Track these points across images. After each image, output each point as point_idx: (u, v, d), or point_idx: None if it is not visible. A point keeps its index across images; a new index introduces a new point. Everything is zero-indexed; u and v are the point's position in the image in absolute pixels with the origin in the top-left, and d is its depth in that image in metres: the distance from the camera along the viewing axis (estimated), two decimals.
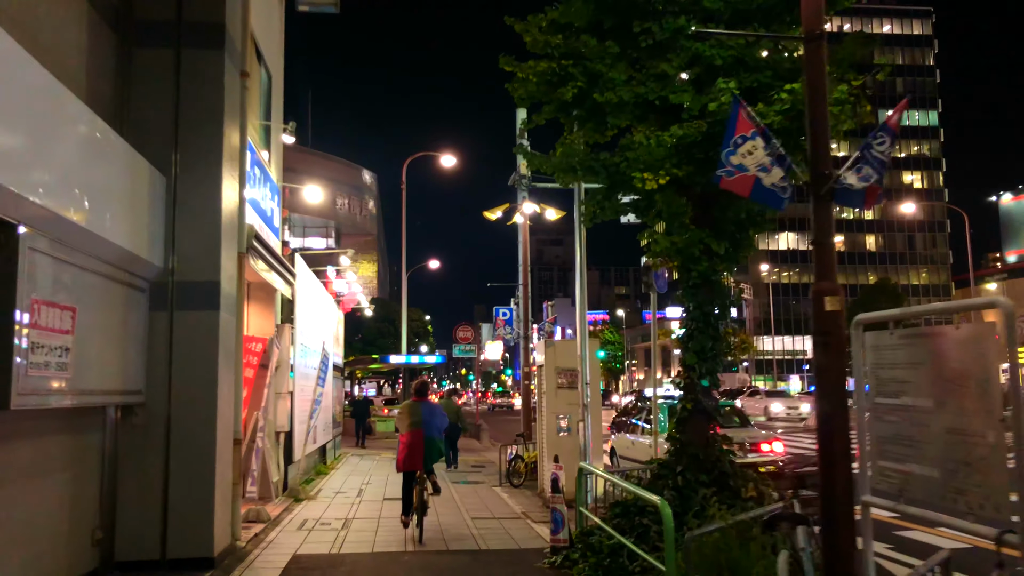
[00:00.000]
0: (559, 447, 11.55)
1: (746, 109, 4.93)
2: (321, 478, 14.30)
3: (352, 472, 15.65)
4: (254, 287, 11.36)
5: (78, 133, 5.69)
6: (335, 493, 12.27)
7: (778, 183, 5.56)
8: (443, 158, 32.12)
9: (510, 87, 8.10)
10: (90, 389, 6.12)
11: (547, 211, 15.18)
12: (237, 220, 8.14)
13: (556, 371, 11.78)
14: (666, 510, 5.16)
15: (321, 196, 22.68)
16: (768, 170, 5.53)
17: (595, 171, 7.69)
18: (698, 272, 7.30)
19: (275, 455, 11.02)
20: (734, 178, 4.88)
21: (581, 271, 11.44)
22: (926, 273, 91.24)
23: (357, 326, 55.42)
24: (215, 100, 7.65)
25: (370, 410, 25.29)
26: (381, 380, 67.45)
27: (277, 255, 10.48)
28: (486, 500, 11.86)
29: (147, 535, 6.95)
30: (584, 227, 8.55)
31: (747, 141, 5.47)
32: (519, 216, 15.49)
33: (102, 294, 6.33)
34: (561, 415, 11.69)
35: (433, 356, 30.73)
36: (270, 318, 11.40)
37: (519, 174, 16.66)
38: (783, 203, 5.78)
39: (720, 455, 7.17)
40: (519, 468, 13.43)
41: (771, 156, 5.42)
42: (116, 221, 6.25)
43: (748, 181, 5.89)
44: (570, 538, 7.46)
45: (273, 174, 11.47)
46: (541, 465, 12.45)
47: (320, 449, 16.02)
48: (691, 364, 7.22)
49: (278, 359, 11.27)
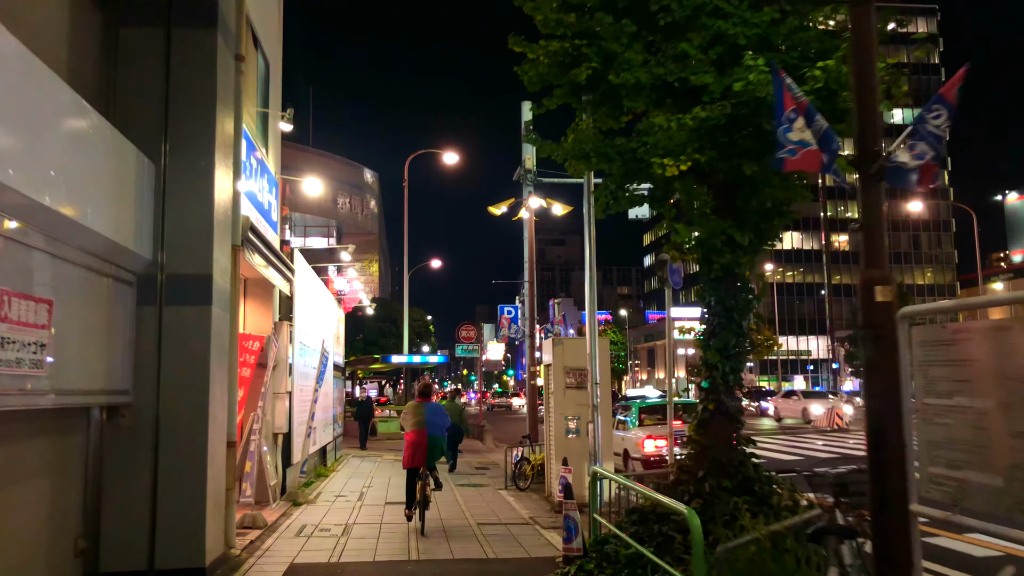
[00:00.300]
0: (568, 449, 11.13)
1: (788, 82, 4.49)
2: (321, 481, 13.88)
3: (353, 474, 15.22)
4: (251, 283, 10.94)
5: (55, 111, 5.26)
6: (335, 497, 11.84)
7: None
8: (445, 155, 31.77)
9: (519, 70, 7.67)
10: (70, 389, 5.70)
11: (553, 206, 14.75)
12: (231, 211, 7.71)
13: (564, 370, 11.34)
14: (694, 520, 4.73)
15: (321, 188, 22.22)
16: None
17: (609, 158, 7.24)
18: (720, 264, 6.87)
19: (273, 458, 10.60)
20: (798, 156, 4.43)
21: (591, 267, 11.02)
22: (931, 273, 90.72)
23: (358, 326, 55.05)
24: (207, 83, 7.22)
25: (374, 411, 24.50)
26: (383, 380, 67.10)
27: (275, 250, 10.06)
28: (492, 504, 11.43)
29: (134, 544, 6.52)
30: (596, 219, 8.12)
31: (799, 117, 5.05)
32: (524, 212, 15.06)
33: (84, 287, 5.91)
34: (570, 416, 11.26)
35: (435, 356, 30.29)
36: (268, 316, 10.98)
37: (524, 169, 16.25)
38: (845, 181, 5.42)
39: (744, 459, 6.73)
40: (525, 471, 12.99)
41: (816, 135, 5.00)
42: (99, 209, 5.83)
43: (817, 155, 5.43)
44: (584, 547, 7.03)
45: (271, 166, 11.05)
46: (548, 468, 12.02)
47: (320, 451, 15.60)
48: (714, 362, 6.78)
49: (276, 358, 10.85)
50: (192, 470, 6.77)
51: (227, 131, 7.67)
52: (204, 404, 6.85)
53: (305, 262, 12.35)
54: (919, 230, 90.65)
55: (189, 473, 6.76)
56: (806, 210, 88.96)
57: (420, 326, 62.05)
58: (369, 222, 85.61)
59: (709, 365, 6.86)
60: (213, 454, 6.99)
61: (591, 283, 10.93)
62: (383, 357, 28.81)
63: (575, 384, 11.34)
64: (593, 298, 10.90)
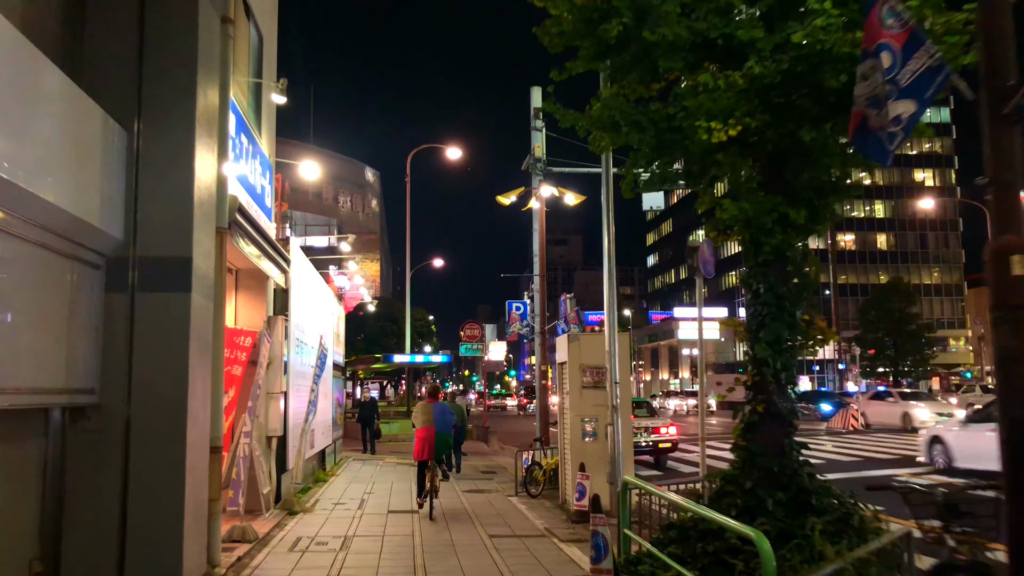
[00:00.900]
0: (585, 454, 10.30)
1: (882, 8, 3.65)
2: (319, 486, 13.05)
3: (354, 479, 14.39)
4: (243, 275, 10.13)
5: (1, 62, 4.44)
6: (334, 504, 11.01)
7: (889, 125, 4.30)
8: (448, 150, 30.95)
9: (539, 31, 6.85)
10: (23, 387, 4.88)
11: (566, 195, 13.91)
12: (215, 189, 6.89)
13: (581, 369, 10.51)
14: (764, 545, 3.89)
15: (318, 172, 21.30)
16: (880, 105, 4.26)
17: (641, 127, 6.40)
18: (771, 247, 6.03)
19: (266, 463, 9.77)
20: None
21: (610, 257, 10.20)
22: (938, 272, 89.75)
23: (360, 326, 54.25)
24: (188, 42, 6.40)
25: (379, 412, 21.70)
26: (384, 381, 66.26)
27: (268, 237, 9.24)
28: (503, 513, 10.60)
29: (100, 565, 5.69)
30: (624, 197, 7.29)
31: (867, 58, 4.20)
32: (534, 202, 14.22)
33: (39, 269, 5.08)
34: (587, 418, 10.43)
35: (439, 356, 29.42)
36: (261, 310, 10.16)
37: (533, 158, 15.43)
38: (888, 157, 4.54)
39: (797, 468, 5.90)
40: (537, 476, 12.16)
41: (891, 84, 4.15)
42: (57, 178, 5.00)
43: (854, 118, 4.63)
44: (615, 567, 6.19)
45: (265, 148, 10.23)
46: (563, 473, 11.18)
47: (319, 454, 14.78)
48: (764, 358, 5.94)
49: (270, 355, 10.03)
50: (168, 479, 5.94)
51: (211, 100, 6.84)
52: (182, 404, 6.02)
53: (302, 253, 11.53)
54: (926, 229, 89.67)
55: (164, 482, 5.93)
56: None
57: (422, 326, 61.22)
58: (371, 221, 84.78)
59: (758, 361, 6.02)
60: (193, 461, 6.16)
61: (610, 274, 10.10)
62: (385, 356, 27.93)
63: (592, 383, 10.51)
64: (612, 288, 10.07)
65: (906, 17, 3.73)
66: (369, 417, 20.87)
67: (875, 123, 4.44)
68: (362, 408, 21.85)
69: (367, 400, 23.39)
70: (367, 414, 21.01)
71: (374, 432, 20.82)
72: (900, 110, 4.17)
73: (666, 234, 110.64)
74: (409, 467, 17.12)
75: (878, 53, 4.06)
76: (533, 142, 15.49)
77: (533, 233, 15.32)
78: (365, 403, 22.47)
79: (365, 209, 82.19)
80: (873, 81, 4.27)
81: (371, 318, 54.96)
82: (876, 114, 4.36)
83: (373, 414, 21.06)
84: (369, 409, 21.34)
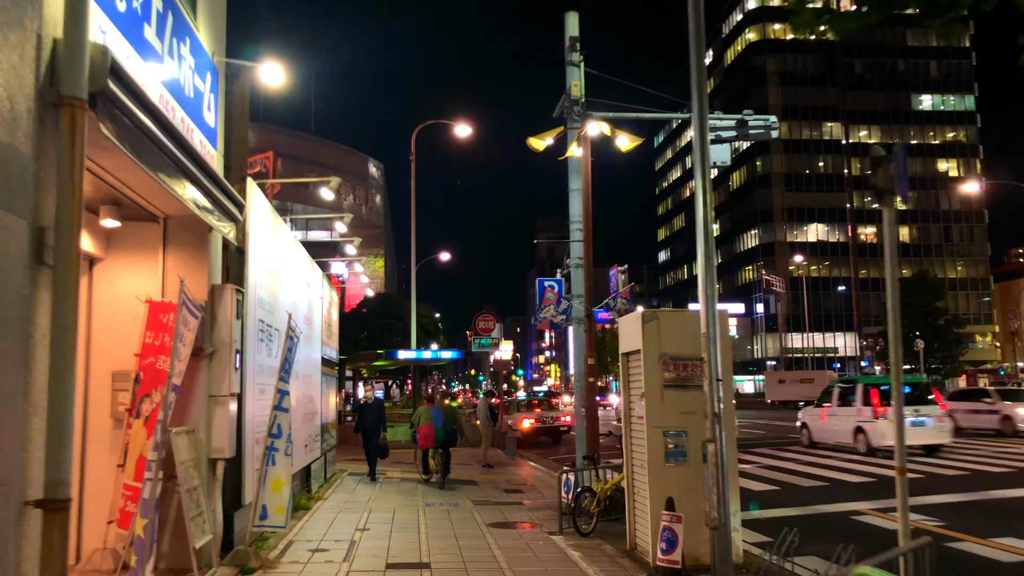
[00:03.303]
0: (668, 482, 7.19)
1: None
2: (299, 518, 9.94)
3: (345, 506, 11.27)
4: (176, 225, 7.02)
5: None
6: (312, 551, 7.89)
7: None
8: (457, 127, 27.89)
9: None
10: None
11: (619, 137, 10.76)
12: (59, 28, 3.79)
13: (661, 360, 7.38)
14: None
15: (282, 77, 17.94)
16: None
17: None
18: None
19: (208, 499, 6.65)
20: None
21: (705, 201, 7.05)
22: (962, 266, 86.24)
23: (363, 323, 51.29)
24: None
25: (385, 421, 15.49)
26: (389, 380, 63.18)
27: (202, 161, 6.08)
28: (548, 564, 7.47)
29: None
30: (802, 33, 4.23)
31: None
32: (575, 147, 11.06)
33: None
34: (671, 430, 7.30)
35: (448, 352, 26.18)
36: (201, 277, 7.03)
37: (570, 100, 12.27)
38: None
39: None
40: (589, 507, 9.03)
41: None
42: None
43: None
44: None
45: (205, 42, 7.09)
46: (630, 505, 8.05)
47: (302, 472, 11.67)
48: None
49: (214, 340, 6.92)
50: None
51: None
52: None
53: (264, 198, 8.37)
54: (950, 221, 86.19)
55: None
56: (832, 201, 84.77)
57: (428, 323, 58.00)
58: (374, 216, 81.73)
59: None
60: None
61: (705, 218, 6.95)
62: (387, 353, 24.76)
63: (677, 381, 7.38)
64: (709, 237, 6.93)
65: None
66: (374, 427, 14.86)
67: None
68: (363, 413, 15.47)
69: (370, 402, 16.45)
70: (370, 422, 14.92)
71: (378, 448, 14.96)
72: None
73: (678, 229, 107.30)
74: (415, 483, 14.01)
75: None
76: (569, 80, 12.33)
77: (572, 193, 12.16)
78: (367, 406, 15.76)
79: (368, 203, 79.12)
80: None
81: (375, 315, 51.99)
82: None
83: (379, 423, 14.99)
84: (373, 415, 15.07)
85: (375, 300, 56.59)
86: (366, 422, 15.01)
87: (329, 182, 19.32)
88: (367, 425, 14.95)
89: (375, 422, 14.98)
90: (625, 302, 10.47)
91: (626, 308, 10.48)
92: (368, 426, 14.94)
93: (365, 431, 14.96)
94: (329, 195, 20.56)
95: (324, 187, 19.76)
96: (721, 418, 6.76)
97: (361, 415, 15.60)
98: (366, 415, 15.24)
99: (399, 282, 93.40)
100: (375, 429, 14.93)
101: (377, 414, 15.15)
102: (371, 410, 15.32)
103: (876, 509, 10.89)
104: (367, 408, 15.63)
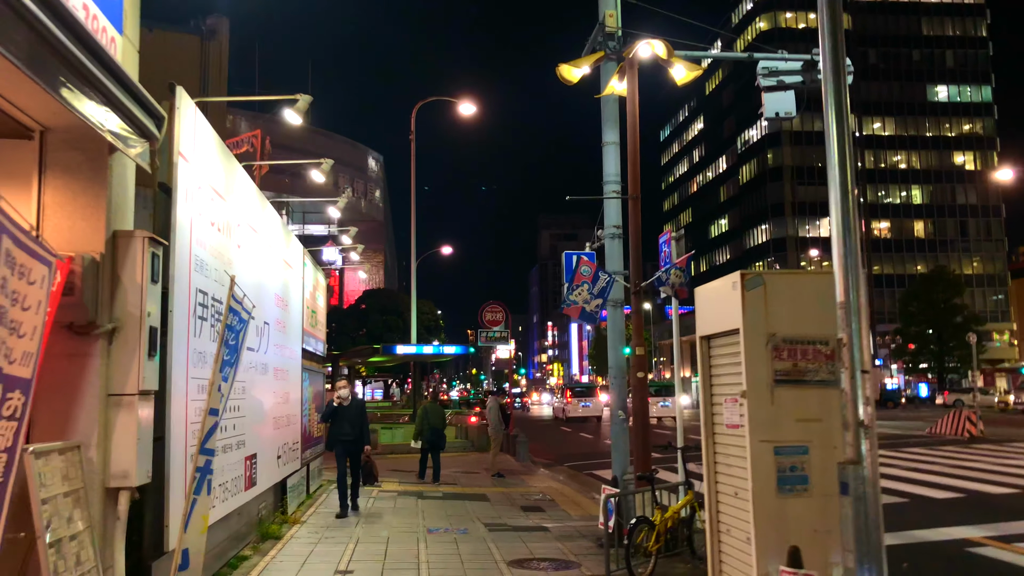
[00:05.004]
0: (785, 519, 4.93)
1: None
2: (264, 552, 7.69)
3: (326, 533, 9.01)
4: (56, 143, 4.74)
5: None
6: None
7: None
8: (461, 106, 25.69)
9: None
10: None
11: (676, 66, 8.47)
12: None
13: (771, 344, 5.11)
14: None
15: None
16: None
17: None
18: None
19: (96, 552, 4.38)
20: None
21: (838, 115, 4.79)
22: (979, 262, 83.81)
23: (361, 320, 49.14)
24: None
25: (367, 431, 10.94)
26: (389, 379, 60.91)
27: (88, 39, 3.81)
28: None
29: None
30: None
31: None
32: (615, 81, 8.76)
33: None
34: (787, 445, 5.03)
35: (452, 347, 23.86)
36: (96, 217, 4.74)
37: (604, 32, 10.01)
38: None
39: None
40: (646, 544, 6.74)
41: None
42: None
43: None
44: None
45: None
46: (714, 548, 5.77)
47: (276, 488, 9.43)
48: None
49: (114, 312, 4.66)
50: None
51: None
52: None
53: (208, 125, 6.06)
54: (966, 215, 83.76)
55: None
56: None
57: (430, 320, 55.69)
58: (374, 210, 79.49)
59: None
60: None
61: (841, 139, 4.71)
62: (385, 348, 22.45)
63: (794, 374, 5.11)
64: (848, 160, 4.69)
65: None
66: (354, 440, 10.38)
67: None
68: (336, 419, 10.53)
69: (346, 403, 10.55)
70: (349, 432, 10.34)
71: (361, 469, 10.78)
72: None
73: (684, 225, 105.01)
74: (417, 499, 11.75)
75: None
76: (602, 8, 10.07)
77: (606, 147, 9.88)
78: (343, 410, 10.50)
79: (367, 196, 76.84)
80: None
81: (374, 311, 49.80)
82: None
83: (361, 434, 10.48)
84: (353, 421, 10.41)
85: (374, 296, 54.39)
86: (343, 432, 10.35)
87: (321, 163, 17.27)
88: (344, 437, 10.35)
89: (355, 432, 10.39)
90: (680, 274, 8.20)
91: (681, 282, 8.21)
92: (346, 438, 10.35)
93: (341, 445, 10.40)
94: (320, 177, 18.30)
95: (315, 170, 17.62)
96: (868, 429, 4.55)
97: (334, 423, 10.58)
98: (343, 422, 10.42)
99: (400, 279, 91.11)
100: (356, 443, 10.43)
101: (357, 420, 10.50)
102: (349, 415, 10.46)
103: (991, 537, 8.66)
104: (343, 413, 10.49)
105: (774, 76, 11.06)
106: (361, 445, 10.56)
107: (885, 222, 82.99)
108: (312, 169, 18.54)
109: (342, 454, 10.46)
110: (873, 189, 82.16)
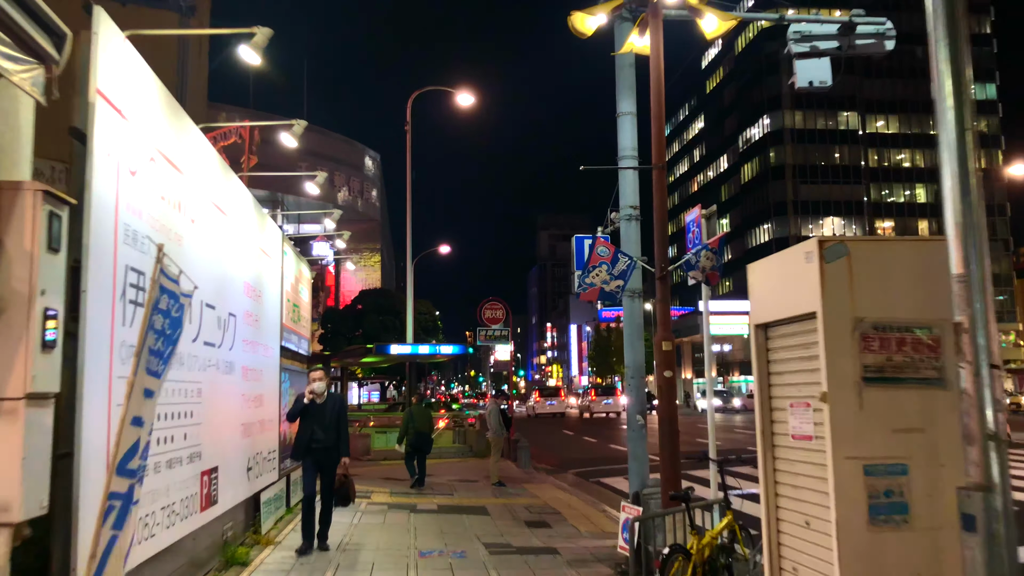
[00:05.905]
0: (878, 558, 3.75)
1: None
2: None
3: (303, 558, 7.83)
4: None
5: None
6: None
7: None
8: (459, 96, 24.57)
9: None
10: None
11: (707, 16, 7.31)
12: None
13: (858, 330, 3.94)
14: None
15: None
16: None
17: None
18: None
19: None
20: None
21: (952, 34, 3.62)
22: None
23: (357, 320, 47.94)
24: None
25: (346, 439, 8.39)
26: (385, 381, 59.66)
27: None
28: None
29: None
30: None
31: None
32: (636, 37, 7.60)
33: None
34: (881, 462, 3.86)
35: (449, 346, 22.65)
36: None
37: None
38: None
39: None
40: (682, 574, 5.56)
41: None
42: None
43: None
44: None
45: None
46: None
47: (248, 503, 8.25)
48: None
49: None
50: None
51: None
52: None
53: (140, 57, 4.90)
54: None
55: None
56: (848, 194, 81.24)
57: (427, 320, 54.41)
58: (371, 210, 78.16)
59: None
60: None
61: (955, 55, 3.56)
62: (379, 347, 21.24)
63: (889, 370, 3.94)
64: (968, 108, 3.56)
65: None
66: (326, 450, 8.04)
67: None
68: (305, 421, 8.10)
69: (320, 401, 8.14)
70: (322, 439, 8.01)
71: (332, 488, 8.23)
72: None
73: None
74: (409, 513, 10.57)
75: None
76: None
77: (621, 118, 8.70)
78: (314, 408, 8.09)
79: (364, 195, 75.59)
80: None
81: (370, 311, 48.60)
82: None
83: (337, 440, 8.12)
84: (326, 425, 8.04)
85: (371, 296, 53.19)
86: (314, 438, 7.97)
87: (315, 176, 16.30)
88: (315, 444, 7.98)
89: (329, 438, 8.03)
90: (713, 256, 7.04)
91: (713, 265, 7.05)
92: (317, 446, 7.98)
93: (311, 455, 8.05)
94: (315, 190, 17.18)
95: (310, 183, 16.63)
96: (1001, 443, 3.43)
97: (303, 424, 8.14)
98: (313, 425, 8.01)
99: (397, 279, 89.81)
100: (330, 452, 8.07)
101: (333, 422, 8.10)
102: (322, 416, 8.06)
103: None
104: (315, 412, 8.07)
105: (807, 41, 9.86)
106: (337, 456, 8.11)
107: (889, 221, 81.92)
108: (307, 181, 17.46)
109: (311, 467, 8.06)
110: (877, 188, 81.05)
